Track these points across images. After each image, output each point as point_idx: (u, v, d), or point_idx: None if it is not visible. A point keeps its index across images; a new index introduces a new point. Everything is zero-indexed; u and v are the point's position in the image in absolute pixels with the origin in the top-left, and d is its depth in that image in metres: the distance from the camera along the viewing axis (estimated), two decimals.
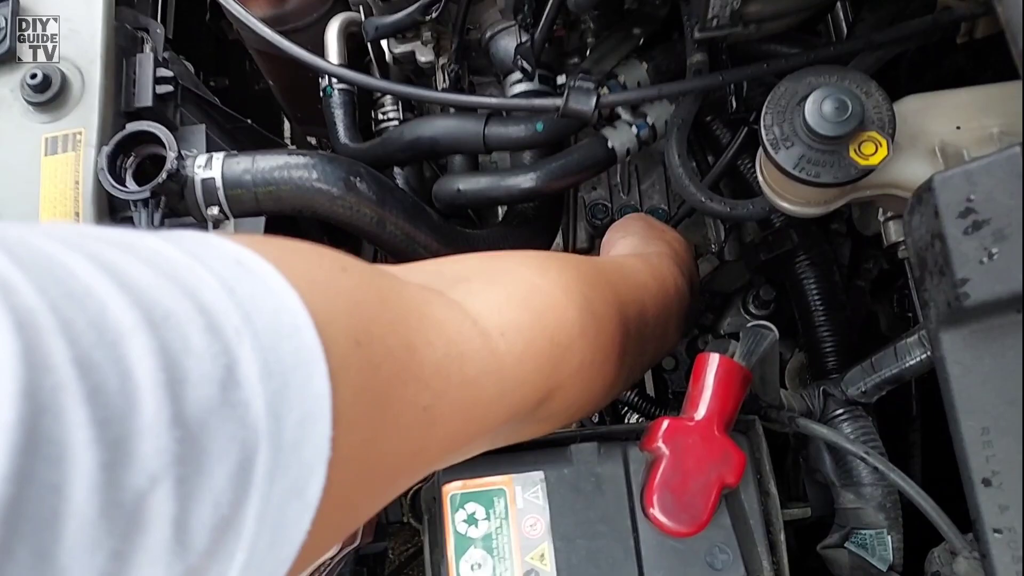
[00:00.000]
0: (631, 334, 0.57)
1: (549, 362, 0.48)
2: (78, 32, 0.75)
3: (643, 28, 0.87)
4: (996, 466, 0.43)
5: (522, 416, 0.49)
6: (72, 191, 0.71)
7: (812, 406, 0.71)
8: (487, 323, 0.44)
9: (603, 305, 0.54)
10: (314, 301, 0.31)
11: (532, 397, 0.48)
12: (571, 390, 0.52)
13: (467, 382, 0.41)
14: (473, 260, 0.54)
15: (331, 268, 0.37)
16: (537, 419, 0.51)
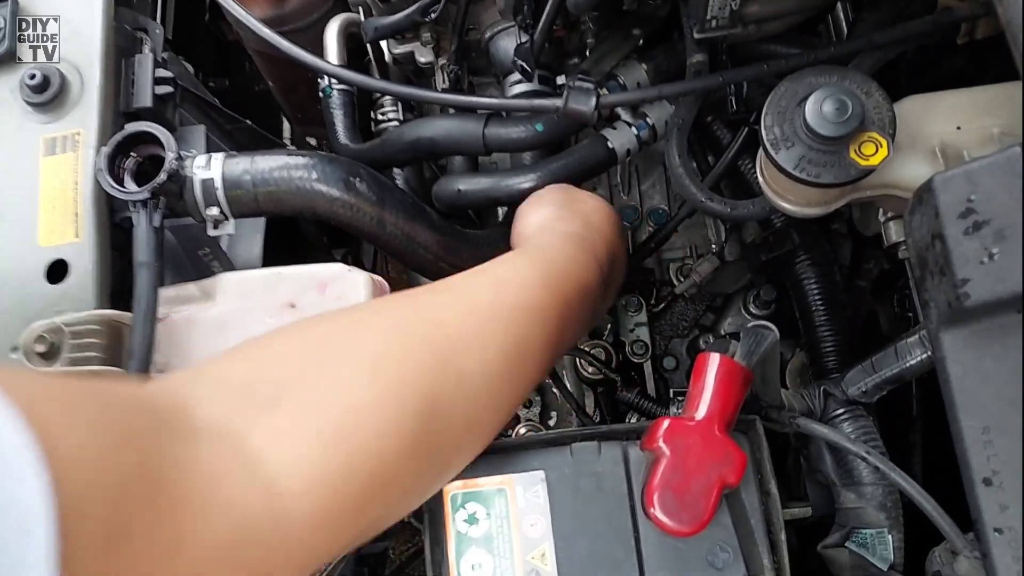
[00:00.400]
0: (512, 379, 0.53)
1: (358, 509, 0.43)
2: (77, 33, 0.75)
3: (643, 29, 0.87)
4: (997, 466, 0.43)
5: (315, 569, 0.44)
6: (71, 192, 0.71)
7: (813, 406, 0.71)
8: (288, 483, 0.39)
9: (457, 389, 0.48)
10: (66, 487, 0.26)
11: (327, 557, 0.44)
12: (384, 519, 0.47)
13: (248, 564, 0.37)
14: (300, 355, 0.46)
15: (104, 444, 0.31)
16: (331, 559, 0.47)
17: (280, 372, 0.44)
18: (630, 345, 1.00)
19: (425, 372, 0.47)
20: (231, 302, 0.72)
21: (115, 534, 0.29)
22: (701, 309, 1.03)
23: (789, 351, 0.94)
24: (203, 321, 0.71)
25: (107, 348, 0.66)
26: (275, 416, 0.41)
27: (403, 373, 0.46)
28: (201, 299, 0.72)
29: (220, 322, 0.71)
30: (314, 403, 0.43)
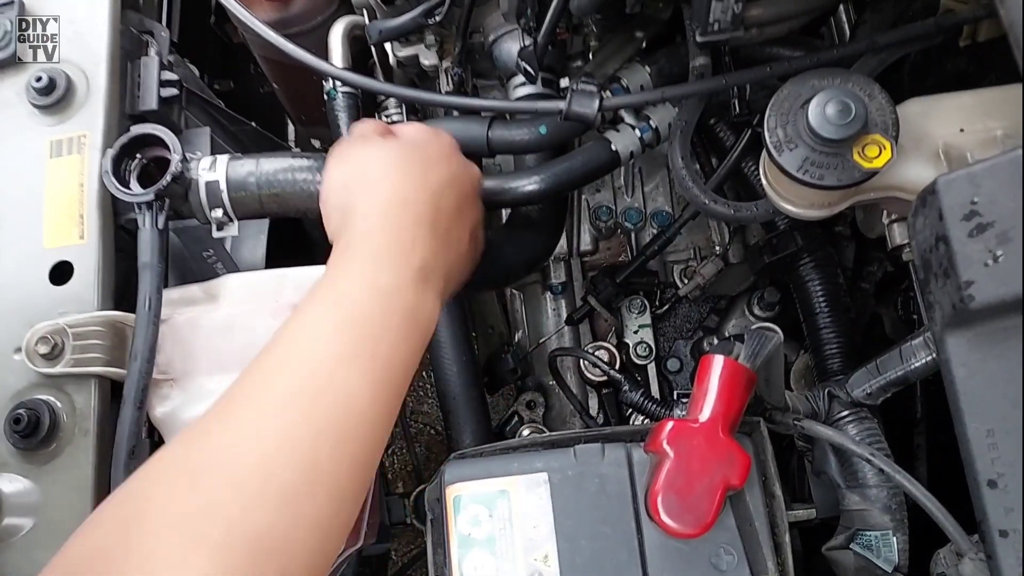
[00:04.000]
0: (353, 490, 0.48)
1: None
2: (83, 35, 0.75)
3: (646, 31, 0.88)
4: (1001, 468, 0.43)
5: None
6: (77, 194, 0.71)
7: (817, 408, 0.71)
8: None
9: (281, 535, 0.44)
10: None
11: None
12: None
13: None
14: (107, 541, 0.43)
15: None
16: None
17: (87, 554, 0.43)
18: (634, 347, 1.00)
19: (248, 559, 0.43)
20: (235, 304, 0.72)
21: None
22: (705, 311, 1.03)
23: (793, 353, 0.94)
24: (207, 323, 0.71)
25: (110, 349, 0.67)
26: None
27: (221, 556, 0.42)
28: (205, 301, 0.73)
29: (224, 324, 0.71)
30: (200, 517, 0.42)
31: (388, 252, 0.56)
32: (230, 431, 0.47)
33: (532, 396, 1.01)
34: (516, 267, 0.93)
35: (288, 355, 0.51)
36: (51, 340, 0.65)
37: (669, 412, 0.88)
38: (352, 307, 0.52)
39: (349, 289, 0.54)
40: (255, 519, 0.43)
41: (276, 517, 0.44)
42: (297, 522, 0.45)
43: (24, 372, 0.66)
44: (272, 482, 0.45)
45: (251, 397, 0.49)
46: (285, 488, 0.45)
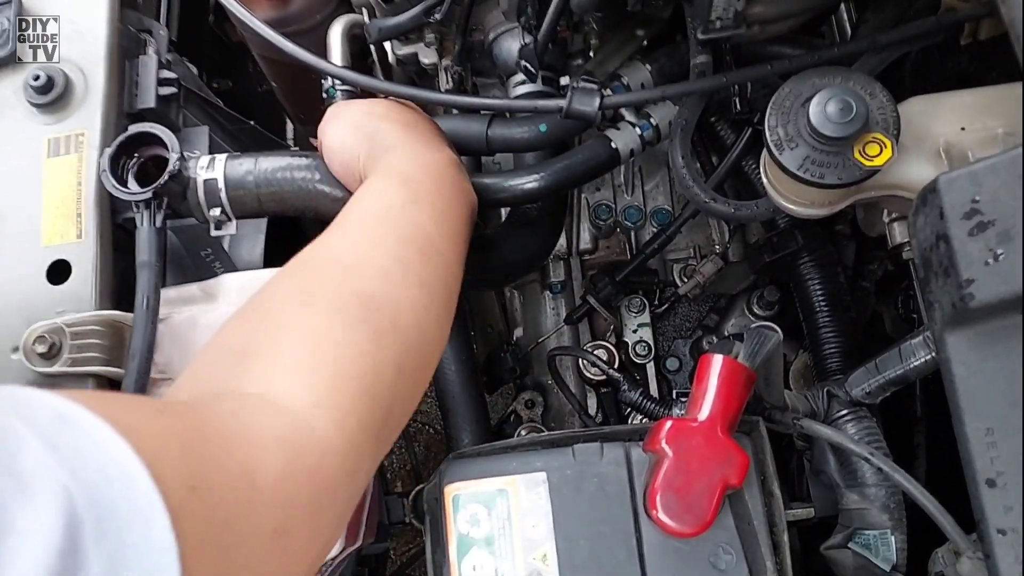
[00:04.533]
0: (437, 319, 0.55)
1: (369, 415, 0.46)
2: (82, 34, 0.75)
3: (646, 30, 0.87)
4: (1000, 467, 0.43)
5: (367, 476, 0.47)
6: (74, 192, 0.71)
7: (816, 407, 0.71)
8: (296, 402, 0.42)
9: (394, 358, 0.50)
10: (145, 451, 0.30)
11: (368, 470, 0.47)
12: (393, 429, 0.51)
13: (310, 474, 0.40)
14: (248, 331, 0.49)
15: (149, 413, 0.35)
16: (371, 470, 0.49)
17: (240, 339, 0.48)
18: (633, 346, 1.00)
19: (369, 347, 0.49)
20: (233, 303, 0.72)
21: (196, 481, 0.33)
22: (704, 310, 1.03)
23: (792, 352, 0.93)
24: (205, 322, 0.71)
25: (108, 349, 0.66)
26: (253, 368, 0.44)
27: (345, 353, 0.47)
28: (203, 300, 0.72)
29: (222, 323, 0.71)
30: (281, 347, 0.46)
31: (425, 145, 0.67)
32: (334, 242, 0.56)
33: (531, 395, 1.01)
34: (515, 266, 0.93)
35: (360, 206, 0.60)
36: (49, 339, 0.65)
37: (668, 411, 0.88)
38: (409, 174, 0.62)
39: (403, 167, 0.63)
40: (362, 282, 0.51)
41: (381, 280, 0.52)
42: (402, 282, 0.53)
43: (21, 372, 0.66)
44: (374, 258, 0.54)
45: (342, 227, 0.58)
46: (386, 256, 0.54)
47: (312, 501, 0.40)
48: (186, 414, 0.38)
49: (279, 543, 0.37)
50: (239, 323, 0.51)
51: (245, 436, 0.38)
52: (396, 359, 0.49)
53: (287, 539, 0.38)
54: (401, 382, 0.50)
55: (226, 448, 0.36)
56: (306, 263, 0.54)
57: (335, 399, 0.44)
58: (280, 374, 0.44)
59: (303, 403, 0.42)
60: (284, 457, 0.39)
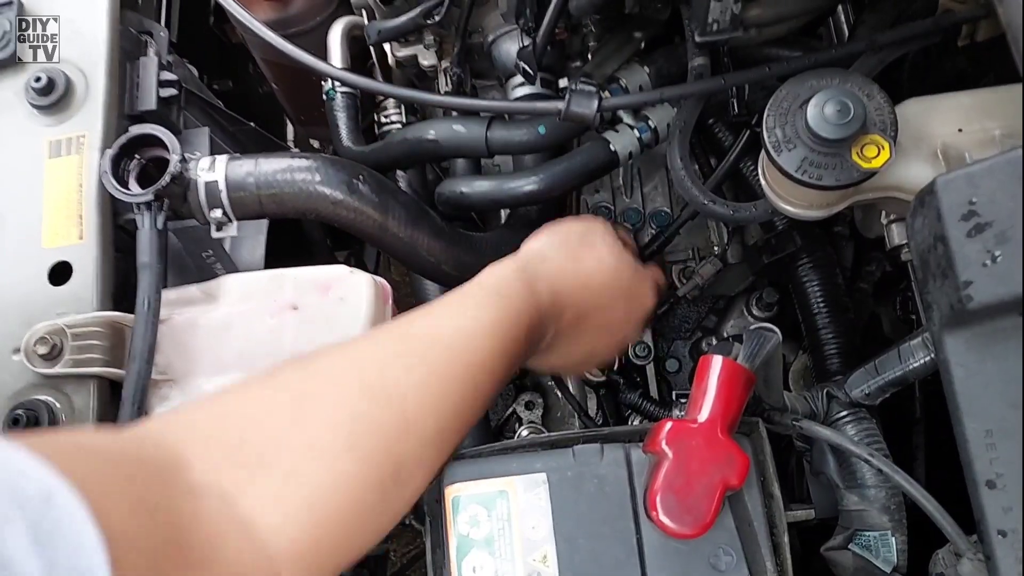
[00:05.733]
0: (448, 437, 0.55)
1: (341, 559, 0.48)
2: (82, 35, 0.75)
3: (644, 32, 0.88)
4: (1000, 468, 0.43)
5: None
6: (75, 194, 0.71)
7: (816, 408, 0.71)
8: (277, 546, 0.44)
9: (415, 462, 0.52)
10: (117, 551, 0.33)
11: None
12: (355, 557, 0.52)
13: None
14: (279, 425, 0.48)
15: (140, 511, 0.37)
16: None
17: (263, 434, 0.47)
18: (632, 347, 1.00)
19: (393, 440, 0.50)
20: (234, 304, 0.72)
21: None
22: (703, 311, 1.03)
23: (792, 353, 0.94)
24: (205, 323, 0.71)
25: (109, 350, 0.66)
26: (261, 481, 0.45)
27: (376, 441, 0.49)
28: (204, 301, 0.73)
29: (223, 324, 0.71)
30: (297, 470, 0.46)
31: (538, 315, 0.63)
32: (404, 364, 0.54)
33: (531, 396, 1.01)
34: None
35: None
36: (50, 340, 0.65)
37: (668, 412, 0.88)
38: (511, 329, 0.60)
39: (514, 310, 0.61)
40: (409, 442, 0.51)
41: (425, 446, 0.52)
42: (437, 446, 0.54)
43: (22, 373, 0.66)
44: (435, 417, 0.53)
45: (416, 339, 0.56)
46: (443, 425, 0.54)
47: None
48: (176, 518, 0.40)
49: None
50: (280, 408, 0.50)
51: (214, 559, 0.40)
52: (406, 493, 0.53)
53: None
54: (395, 517, 0.53)
55: (195, 563, 0.39)
56: (363, 363, 0.54)
57: (312, 554, 0.45)
58: (282, 505, 0.45)
59: (281, 550, 0.44)
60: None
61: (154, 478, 0.41)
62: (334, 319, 0.70)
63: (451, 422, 0.54)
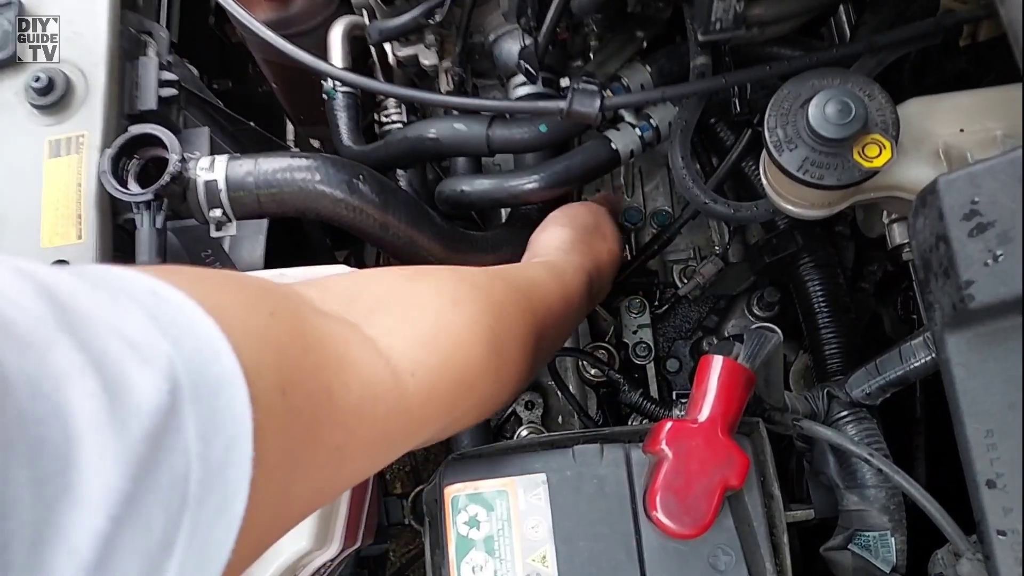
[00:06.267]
0: (530, 355, 0.61)
1: (452, 401, 0.51)
2: (82, 35, 0.75)
3: (646, 31, 0.87)
4: (1000, 468, 0.43)
5: (420, 442, 0.52)
6: (75, 194, 0.71)
7: (816, 408, 0.71)
8: (399, 363, 0.46)
9: (510, 337, 0.57)
10: (246, 350, 0.33)
11: (433, 431, 0.52)
12: (468, 418, 0.57)
13: (377, 421, 0.44)
14: (389, 283, 0.54)
15: (261, 314, 0.38)
16: (433, 440, 0.55)
17: (377, 290, 0.52)
18: (633, 347, 1.00)
19: (490, 316, 0.55)
20: None
21: (283, 384, 0.36)
22: (704, 311, 1.03)
23: (792, 353, 0.93)
24: None
25: None
26: (378, 319, 0.48)
27: (476, 311, 0.54)
28: None
29: None
30: (410, 316, 0.51)
31: (586, 282, 0.76)
32: (488, 279, 0.61)
33: (530, 396, 1.01)
34: None
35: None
36: None
37: (668, 412, 0.88)
38: (568, 288, 0.72)
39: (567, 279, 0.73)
40: (501, 324, 0.56)
41: (515, 334, 0.58)
42: (523, 343, 0.59)
43: None
44: (520, 320, 0.60)
45: (498, 272, 0.65)
46: (526, 330, 0.60)
47: (370, 440, 0.44)
48: (299, 323, 0.41)
49: (336, 457, 0.41)
50: (390, 275, 0.55)
51: (341, 363, 0.42)
52: (506, 370, 0.57)
53: (344, 457, 0.42)
54: (500, 393, 0.58)
55: (321, 365, 0.40)
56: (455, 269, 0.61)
57: (432, 381, 0.48)
58: (400, 335, 0.48)
59: (404, 367, 0.46)
60: (362, 396, 0.42)
61: (271, 292, 0.42)
62: None
63: (529, 334, 0.60)
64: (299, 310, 0.42)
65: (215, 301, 0.34)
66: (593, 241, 0.82)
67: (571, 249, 0.78)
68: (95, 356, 0.27)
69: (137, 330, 0.30)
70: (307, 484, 0.39)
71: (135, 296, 0.31)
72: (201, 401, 0.30)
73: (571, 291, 0.71)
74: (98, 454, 0.26)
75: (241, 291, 0.38)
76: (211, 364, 0.31)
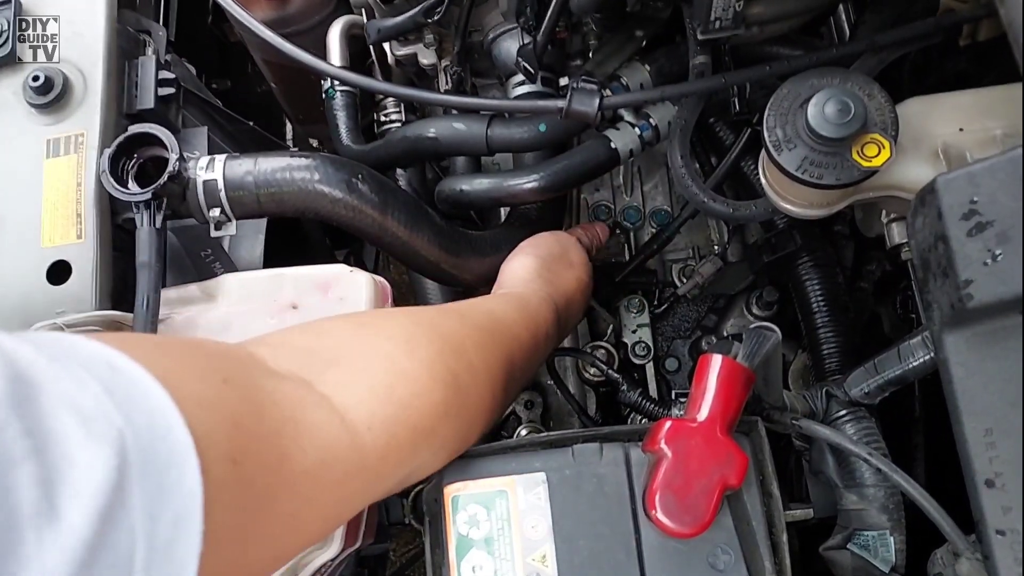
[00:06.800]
0: (498, 389, 0.60)
1: (412, 449, 0.50)
2: (81, 34, 0.75)
3: (646, 30, 0.87)
4: (999, 467, 0.43)
5: (382, 494, 0.52)
6: (74, 193, 0.71)
7: (815, 407, 0.71)
8: (354, 419, 0.46)
9: (471, 375, 0.56)
10: (199, 421, 0.33)
11: (394, 482, 0.52)
12: (433, 462, 0.56)
13: (335, 483, 0.44)
14: (341, 334, 0.53)
15: (215, 382, 0.38)
16: (396, 490, 0.54)
17: (329, 343, 0.52)
18: (632, 346, 1.00)
19: (447, 356, 0.54)
20: (233, 303, 0.72)
21: (235, 454, 0.35)
22: (703, 310, 1.03)
23: (791, 352, 0.93)
24: (205, 322, 0.71)
25: None
26: (332, 374, 0.47)
27: (431, 353, 0.53)
28: (203, 300, 0.72)
29: (222, 323, 0.71)
30: (363, 367, 0.50)
31: (552, 312, 0.75)
32: (447, 317, 0.61)
33: (530, 395, 1.01)
34: None
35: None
36: None
37: (667, 412, 0.88)
38: (534, 320, 0.71)
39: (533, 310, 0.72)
40: (460, 363, 0.55)
41: (474, 372, 0.57)
42: (483, 381, 0.58)
43: None
44: (481, 356, 0.59)
45: (458, 308, 0.65)
46: (489, 366, 0.60)
47: (326, 503, 0.44)
48: (253, 389, 0.41)
49: (291, 524, 0.41)
50: (342, 325, 0.55)
51: (297, 427, 0.41)
52: (469, 409, 0.56)
53: (300, 524, 0.42)
54: (466, 432, 0.57)
55: (275, 431, 0.40)
56: (411, 310, 0.60)
57: (389, 432, 0.48)
58: (353, 390, 0.47)
59: (360, 422, 0.46)
60: (318, 460, 0.42)
61: (225, 357, 0.42)
62: None
63: (493, 368, 0.59)
64: (252, 374, 0.42)
65: (170, 371, 0.34)
66: (560, 269, 0.80)
67: (536, 278, 0.77)
68: (43, 439, 0.27)
69: (91, 404, 0.30)
70: (260, 554, 0.39)
71: (92, 369, 0.32)
72: (150, 477, 0.30)
73: (537, 320, 0.70)
74: (37, 541, 0.26)
75: (196, 359, 0.38)
76: (163, 438, 0.31)
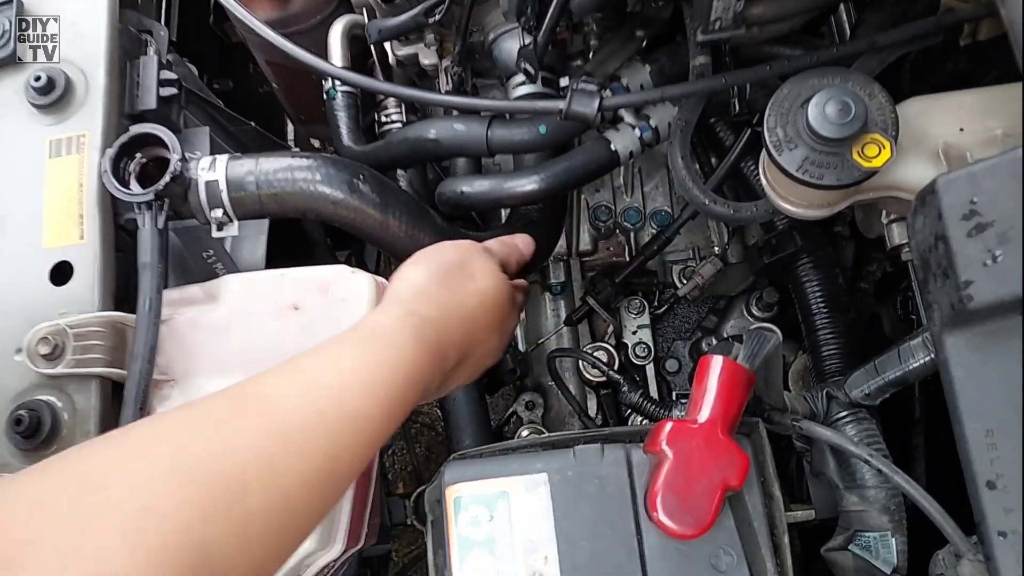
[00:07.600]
0: (299, 516, 0.46)
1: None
2: (82, 35, 0.75)
3: (646, 30, 0.87)
4: (1000, 469, 0.43)
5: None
6: (76, 194, 0.71)
7: (816, 408, 0.71)
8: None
9: (225, 543, 0.41)
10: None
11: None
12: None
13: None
14: (50, 505, 0.39)
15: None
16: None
17: (26, 527, 0.38)
18: (632, 347, 1.00)
19: (201, 521, 0.41)
20: (235, 304, 0.72)
21: None
22: (704, 311, 1.03)
23: (792, 354, 0.94)
24: (207, 323, 0.71)
25: (110, 350, 0.66)
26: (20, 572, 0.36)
27: (171, 529, 0.40)
28: (205, 301, 0.73)
29: (224, 324, 0.71)
30: (54, 573, 0.37)
31: (429, 350, 0.58)
32: (245, 423, 0.46)
33: (531, 397, 1.01)
34: None
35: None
36: (52, 341, 0.65)
37: (668, 413, 0.88)
38: (394, 373, 0.53)
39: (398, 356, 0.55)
40: (228, 521, 0.41)
41: (251, 523, 0.42)
42: (273, 524, 0.44)
43: (25, 373, 0.66)
44: (276, 486, 0.44)
45: (271, 388, 0.48)
46: (288, 495, 0.44)
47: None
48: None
49: None
50: (54, 485, 0.41)
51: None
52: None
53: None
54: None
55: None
56: (191, 424, 0.45)
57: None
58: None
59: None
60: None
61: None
62: (335, 319, 0.70)
63: (297, 492, 0.45)
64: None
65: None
66: (455, 283, 0.65)
67: (418, 295, 0.61)
68: None
69: None
70: None
71: None
72: None
73: (394, 370, 0.53)
74: None
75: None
76: None
